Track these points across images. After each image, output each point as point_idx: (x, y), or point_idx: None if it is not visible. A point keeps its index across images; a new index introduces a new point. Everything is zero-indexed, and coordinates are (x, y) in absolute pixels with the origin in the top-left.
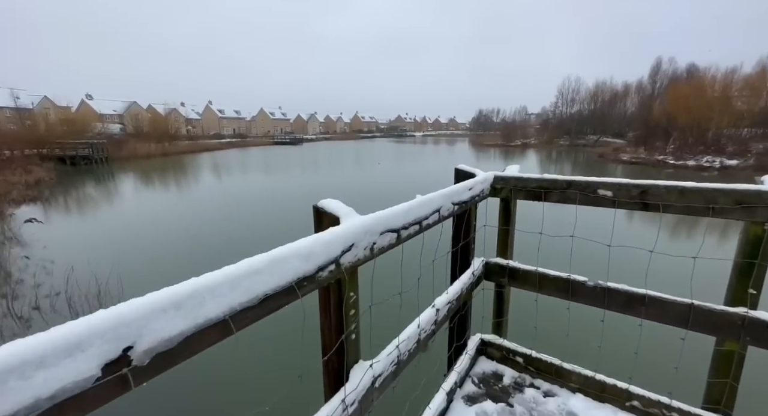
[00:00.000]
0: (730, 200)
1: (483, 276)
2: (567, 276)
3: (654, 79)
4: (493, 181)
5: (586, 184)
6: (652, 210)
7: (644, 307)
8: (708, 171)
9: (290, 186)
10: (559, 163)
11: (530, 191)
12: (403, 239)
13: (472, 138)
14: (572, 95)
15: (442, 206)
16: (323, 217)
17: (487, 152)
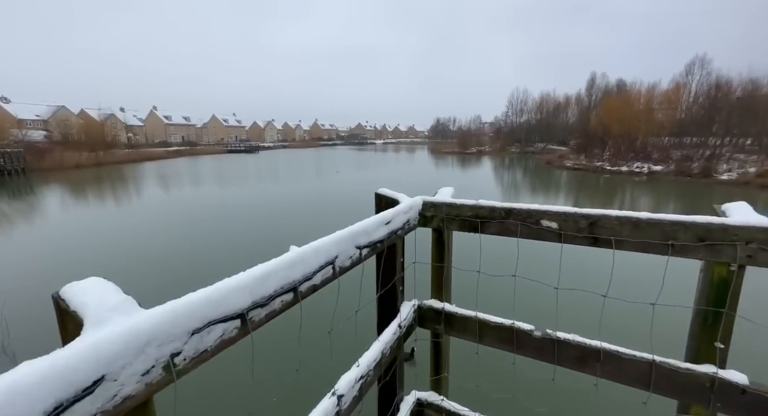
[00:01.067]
0: (692, 236)
1: (416, 323)
2: (511, 324)
3: (590, 92)
4: (422, 208)
5: (528, 213)
6: (602, 246)
7: (599, 364)
8: (638, 176)
9: (237, 198)
10: (511, 169)
11: (465, 220)
12: (253, 327)
13: (430, 146)
14: (521, 106)
15: (338, 254)
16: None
17: (445, 158)
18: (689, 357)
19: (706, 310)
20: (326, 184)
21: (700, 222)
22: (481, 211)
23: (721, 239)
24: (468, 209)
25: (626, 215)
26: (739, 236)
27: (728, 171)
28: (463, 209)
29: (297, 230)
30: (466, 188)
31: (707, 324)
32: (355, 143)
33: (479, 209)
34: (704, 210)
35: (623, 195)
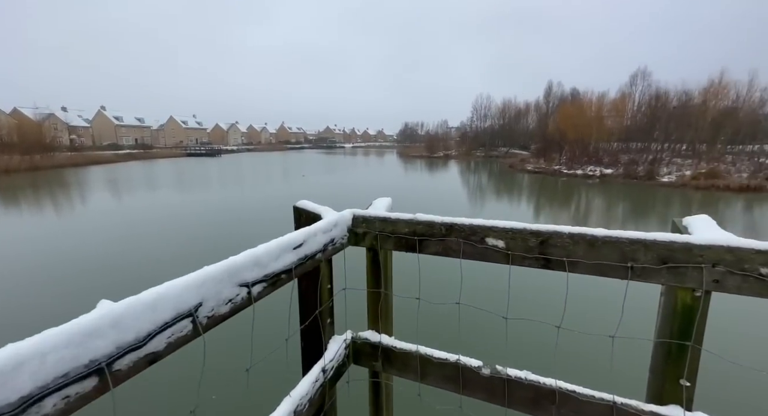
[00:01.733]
0: (653, 257)
1: (350, 360)
2: (456, 360)
3: (548, 99)
4: (352, 223)
5: (471, 229)
6: (555, 268)
7: (555, 407)
8: (592, 179)
9: (189, 205)
10: (477, 172)
11: (401, 238)
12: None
13: (399, 150)
14: (485, 111)
15: (204, 301)
16: None
17: (414, 162)
18: (652, 396)
19: (669, 343)
20: (286, 189)
21: (662, 241)
22: (419, 227)
23: (685, 261)
24: (404, 224)
25: (580, 233)
26: (705, 257)
27: (668, 174)
28: (399, 225)
29: (222, 247)
30: (435, 192)
31: (671, 358)
32: (323, 147)
33: (416, 225)
34: (650, 211)
35: (579, 197)
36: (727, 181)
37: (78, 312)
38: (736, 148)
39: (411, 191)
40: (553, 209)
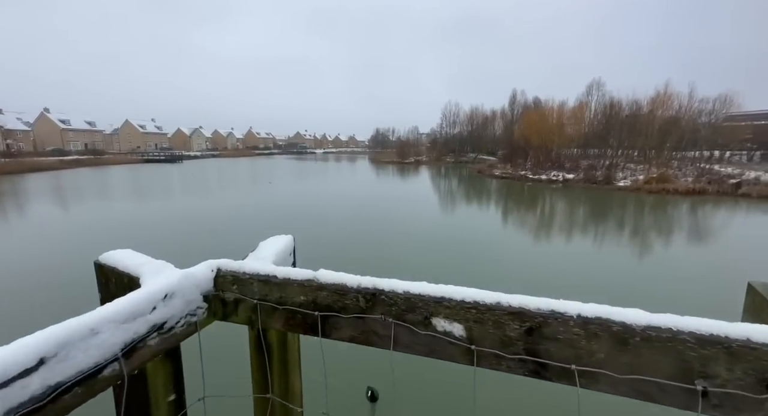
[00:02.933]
0: (745, 373)
1: None
2: None
3: (512, 107)
4: (215, 284)
5: (408, 302)
6: (556, 379)
7: None
8: (555, 184)
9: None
10: (447, 178)
11: (295, 313)
12: None
13: (371, 155)
14: (454, 118)
15: None
16: None
17: (386, 168)
18: None
19: None
20: (245, 198)
21: (760, 343)
22: (322, 294)
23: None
24: (298, 289)
25: (599, 316)
26: None
27: (624, 179)
28: (290, 290)
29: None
30: (407, 197)
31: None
32: (293, 152)
33: (318, 291)
34: (609, 214)
35: (543, 201)
36: (675, 185)
37: None
38: (680, 154)
39: (382, 197)
40: (520, 214)
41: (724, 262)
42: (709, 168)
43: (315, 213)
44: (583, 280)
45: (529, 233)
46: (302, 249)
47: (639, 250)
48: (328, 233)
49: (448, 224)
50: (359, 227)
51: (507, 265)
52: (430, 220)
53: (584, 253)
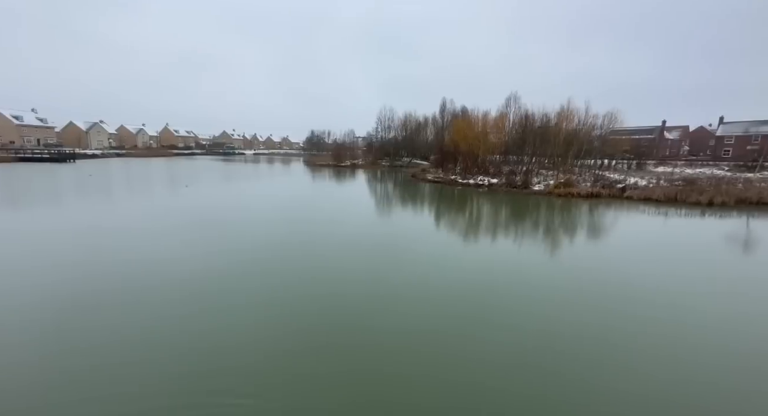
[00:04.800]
0: None
1: None
2: None
3: (443, 114)
4: None
5: None
6: None
7: None
8: (481, 188)
9: None
10: (384, 181)
11: None
12: None
13: (306, 158)
14: (388, 123)
15: None
16: None
17: (321, 171)
18: None
19: None
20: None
21: None
22: None
23: None
24: None
25: None
26: None
27: (538, 183)
28: None
29: None
30: (348, 199)
31: None
32: (220, 153)
33: None
34: (525, 215)
35: (472, 204)
36: (578, 189)
37: None
38: (580, 162)
39: (323, 198)
40: (451, 215)
41: (615, 249)
42: (601, 174)
43: (240, 217)
44: (505, 272)
45: (459, 232)
46: (227, 256)
47: (550, 244)
48: (261, 239)
49: (384, 226)
50: (289, 231)
51: (440, 260)
52: (366, 222)
53: (506, 249)
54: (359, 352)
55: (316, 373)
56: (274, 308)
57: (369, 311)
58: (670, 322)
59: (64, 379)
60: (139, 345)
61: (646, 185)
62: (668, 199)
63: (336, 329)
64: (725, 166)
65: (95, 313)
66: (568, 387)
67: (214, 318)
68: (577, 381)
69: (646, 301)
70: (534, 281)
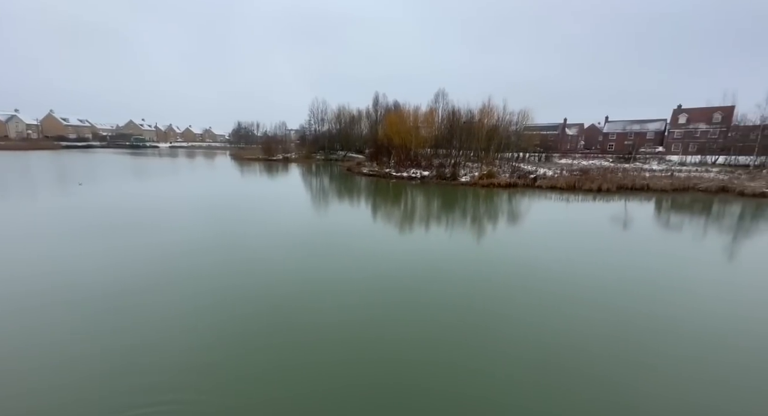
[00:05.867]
0: None
1: None
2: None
3: (376, 108)
4: None
5: None
6: None
7: None
8: (414, 180)
9: None
10: (319, 176)
11: None
12: None
13: (233, 151)
14: (322, 115)
15: None
16: None
17: (251, 165)
18: None
19: None
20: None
21: None
22: None
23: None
24: None
25: None
26: None
27: (465, 175)
28: None
29: None
30: (282, 194)
31: None
32: (126, 146)
33: None
34: (454, 204)
35: (406, 196)
36: (499, 180)
37: None
38: (500, 155)
39: (255, 194)
40: (387, 207)
41: (529, 233)
42: (518, 166)
43: (156, 217)
44: (439, 260)
45: (395, 223)
46: (143, 262)
47: (478, 230)
48: (173, 239)
49: (321, 220)
50: (214, 231)
51: (378, 251)
52: (302, 217)
53: (438, 237)
54: (299, 348)
55: (256, 373)
56: (198, 310)
57: (304, 307)
58: (572, 284)
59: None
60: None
61: (553, 175)
62: (569, 187)
63: (265, 327)
64: (610, 158)
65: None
66: (499, 362)
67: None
68: (509, 354)
69: (554, 276)
70: (467, 264)
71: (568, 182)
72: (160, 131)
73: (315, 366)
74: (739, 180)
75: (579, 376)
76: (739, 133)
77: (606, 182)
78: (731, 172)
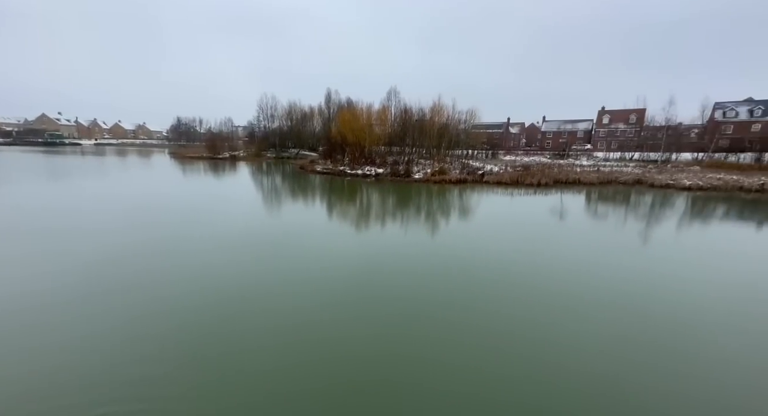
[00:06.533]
0: None
1: None
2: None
3: (329, 105)
4: None
5: None
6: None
7: None
8: (369, 178)
9: None
10: (271, 174)
11: None
12: None
13: (173, 149)
14: (272, 112)
15: None
16: None
17: (195, 164)
18: None
19: None
20: None
21: None
22: None
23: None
24: None
25: None
26: None
27: (418, 172)
28: None
29: None
30: (232, 195)
31: None
32: (39, 143)
33: None
34: (408, 201)
35: (361, 193)
36: (450, 176)
37: None
38: (450, 152)
39: (198, 195)
40: (343, 205)
41: (480, 226)
42: (467, 163)
43: (67, 221)
44: (393, 252)
45: (350, 220)
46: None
47: (431, 225)
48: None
49: (274, 220)
50: (148, 235)
51: (333, 249)
52: (253, 218)
53: (395, 232)
54: (250, 354)
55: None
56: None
57: (254, 311)
58: (520, 272)
59: None
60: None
61: (499, 172)
62: (513, 182)
63: (215, 333)
64: (548, 154)
65: None
66: (439, 351)
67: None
68: (453, 345)
69: (505, 265)
70: (425, 258)
71: (512, 177)
72: (82, 127)
73: (259, 373)
74: (650, 174)
75: (509, 356)
76: (649, 132)
77: (544, 177)
78: (644, 166)
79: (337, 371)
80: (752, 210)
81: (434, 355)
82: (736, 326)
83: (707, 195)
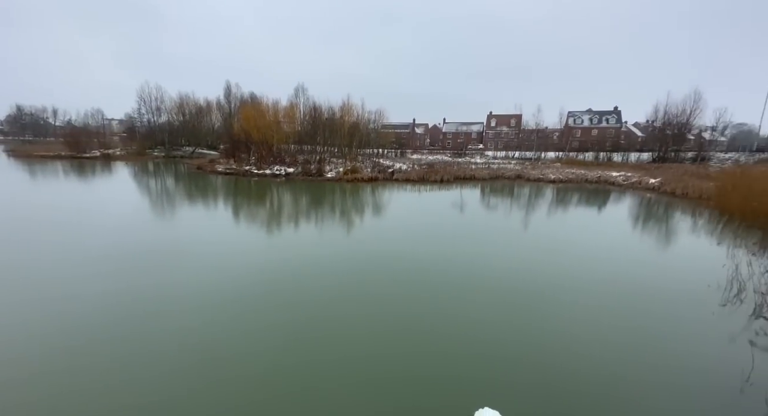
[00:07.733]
0: None
1: None
2: None
3: (229, 99)
4: None
5: None
6: None
7: None
8: (279, 178)
9: None
10: (159, 175)
11: None
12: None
13: (13, 146)
14: (157, 104)
15: None
16: None
17: (49, 164)
18: None
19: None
20: None
21: None
22: None
23: None
24: None
25: None
26: None
27: (331, 171)
28: None
29: None
30: (107, 201)
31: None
32: None
33: None
34: (323, 200)
35: (271, 194)
36: (362, 175)
37: None
38: (362, 151)
39: (58, 205)
40: (251, 208)
41: (393, 220)
42: (378, 162)
43: None
44: (309, 253)
45: (261, 223)
46: None
47: (345, 224)
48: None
49: (167, 227)
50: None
51: (243, 254)
52: (138, 228)
53: (310, 232)
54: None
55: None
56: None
57: (155, 316)
58: (435, 263)
59: None
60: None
61: (407, 169)
62: (420, 179)
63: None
64: (449, 153)
65: None
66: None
67: None
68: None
69: (419, 257)
70: (342, 257)
71: (419, 175)
72: None
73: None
74: (526, 170)
75: (424, 345)
76: (524, 135)
77: (446, 174)
78: (522, 163)
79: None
80: (594, 196)
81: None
82: (606, 282)
83: (566, 186)
